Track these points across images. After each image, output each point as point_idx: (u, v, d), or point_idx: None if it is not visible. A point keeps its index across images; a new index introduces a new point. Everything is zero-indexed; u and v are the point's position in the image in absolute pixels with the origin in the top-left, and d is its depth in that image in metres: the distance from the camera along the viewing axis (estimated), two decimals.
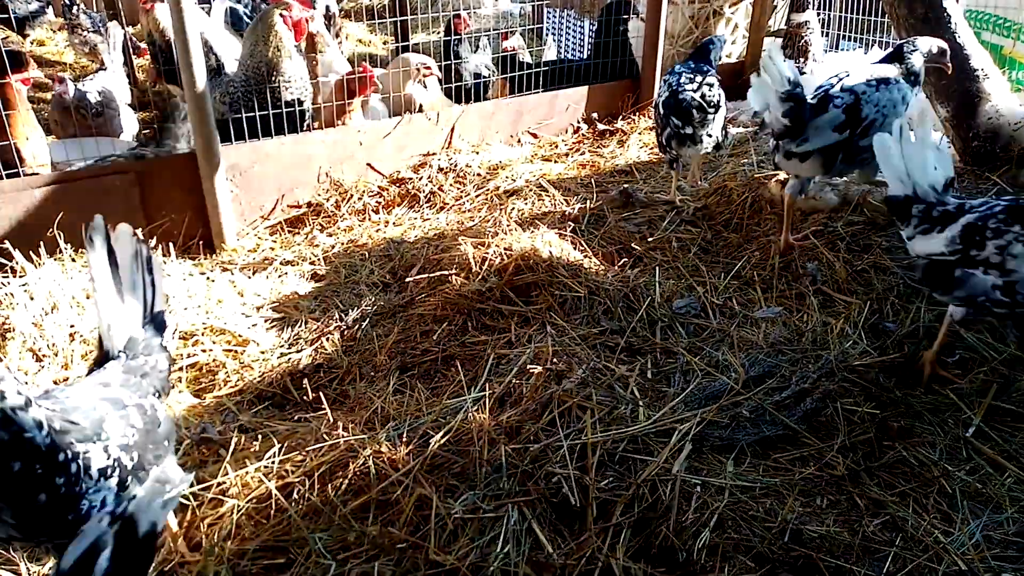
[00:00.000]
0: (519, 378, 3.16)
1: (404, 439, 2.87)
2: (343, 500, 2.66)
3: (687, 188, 4.90)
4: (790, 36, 7.05)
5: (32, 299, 3.50)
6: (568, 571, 2.39)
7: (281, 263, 4.48)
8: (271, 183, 5.11)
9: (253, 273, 4.37)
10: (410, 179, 5.44)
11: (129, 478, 2.23)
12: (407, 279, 4.12)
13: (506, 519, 2.53)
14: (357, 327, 3.85)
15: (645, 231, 4.39)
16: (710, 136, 4.49)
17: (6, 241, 4.01)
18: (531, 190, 5.09)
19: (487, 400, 3.00)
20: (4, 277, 3.69)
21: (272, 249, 4.85)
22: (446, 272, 3.95)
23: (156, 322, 2.67)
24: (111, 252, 2.47)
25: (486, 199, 5.16)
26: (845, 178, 4.14)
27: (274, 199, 5.15)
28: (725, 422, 2.89)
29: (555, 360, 3.17)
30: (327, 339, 3.75)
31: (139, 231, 4.00)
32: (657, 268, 3.94)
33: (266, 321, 3.87)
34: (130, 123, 6.44)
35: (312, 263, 4.48)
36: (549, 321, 3.57)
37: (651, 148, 5.86)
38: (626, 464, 2.71)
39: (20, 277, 3.67)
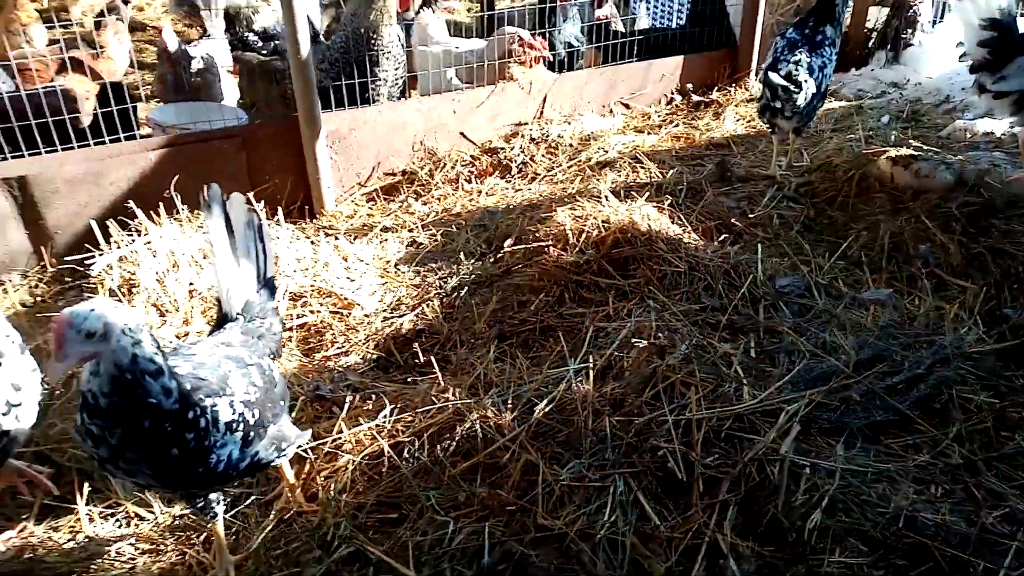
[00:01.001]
0: (620, 351, 3.17)
1: (509, 405, 2.93)
2: (452, 461, 2.75)
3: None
4: (897, 6, 6.73)
5: (155, 256, 3.69)
6: (675, 544, 2.42)
7: (381, 229, 4.59)
8: (369, 150, 5.21)
9: (354, 238, 4.49)
10: (502, 149, 5.47)
11: (251, 433, 2.35)
12: (503, 249, 4.17)
13: (612, 489, 2.56)
14: (455, 295, 3.92)
15: (745, 206, 4.32)
16: (797, 112, 4.37)
17: (130, 201, 4.22)
18: (625, 162, 5.05)
19: (591, 371, 3.03)
20: (129, 235, 3.90)
21: (369, 215, 4.97)
22: (542, 243, 3.97)
23: (268, 286, 2.79)
24: (227, 219, 2.58)
25: (578, 170, 5.15)
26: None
27: (371, 166, 5.26)
28: (834, 404, 2.84)
29: (659, 335, 3.17)
30: (427, 305, 3.85)
31: (250, 195, 4.14)
32: (759, 245, 3.87)
33: (369, 285, 3.98)
34: (230, 89, 6.65)
35: (411, 230, 4.57)
36: (648, 295, 3.57)
37: (748, 121, 5.73)
38: (732, 442, 2.71)
39: (143, 236, 3.86)
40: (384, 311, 3.83)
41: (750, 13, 6.19)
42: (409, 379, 3.33)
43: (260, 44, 7.93)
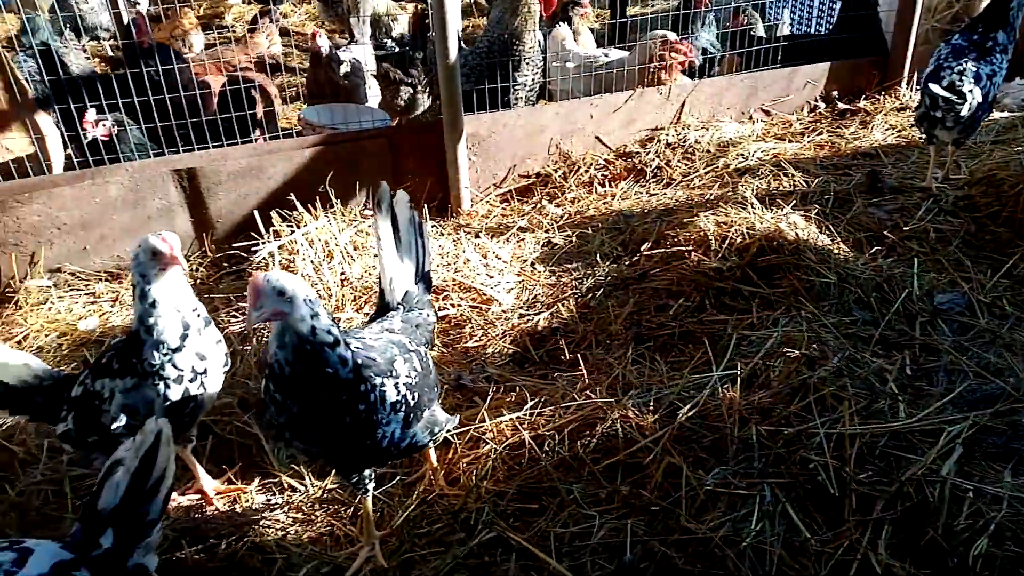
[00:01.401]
0: (766, 360, 3.11)
1: (650, 407, 2.93)
2: (592, 458, 2.78)
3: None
4: None
5: (311, 246, 3.92)
6: (824, 559, 2.35)
7: (518, 229, 4.68)
8: (505, 153, 5.32)
9: (491, 237, 4.59)
10: (637, 153, 5.46)
11: (411, 415, 2.46)
12: (639, 252, 4.16)
13: (758, 498, 2.52)
14: (591, 295, 3.95)
15: (897, 219, 4.12)
16: (960, 122, 4.13)
17: (286, 194, 4.50)
18: (767, 169, 4.92)
19: (737, 379, 2.98)
20: (289, 226, 4.16)
21: (503, 216, 5.07)
22: (682, 248, 3.94)
23: (425, 280, 2.91)
24: (394, 216, 2.72)
25: (716, 176, 5.06)
26: None
27: (507, 168, 5.37)
28: (1001, 428, 2.68)
29: (813, 346, 3.08)
30: (563, 304, 3.89)
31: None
32: (915, 259, 3.69)
33: (507, 282, 4.07)
34: (374, 93, 6.95)
35: (547, 231, 4.64)
36: (794, 306, 3.47)
37: (899, 130, 5.46)
38: (887, 460, 2.60)
39: (302, 227, 4.10)
40: (520, 308, 3.91)
41: (904, 19, 5.89)
42: (546, 375, 3.38)
43: (397, 50, 8.30)
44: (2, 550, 1.92)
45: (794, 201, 4.25)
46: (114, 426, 2.58)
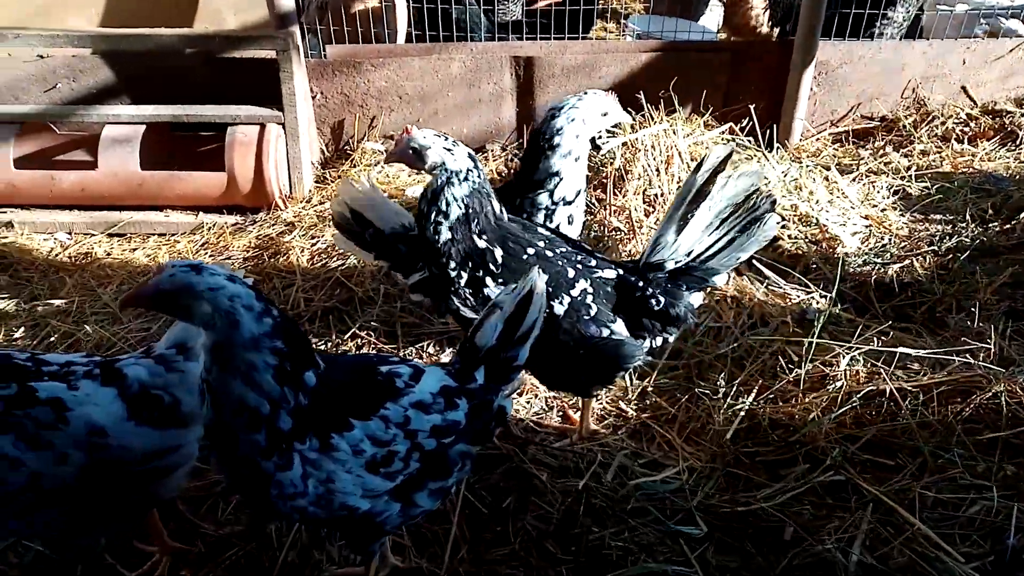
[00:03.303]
0: None
1: None
2: (965, 428, 2.47)
3: None
4: None
5: (653, 148, 3.82)
6: None
7: (867, 171, 4.26)
8: (852, 88, 4.83)
9: (842, 174, 4.20)
10: (1009, 112, 4.73)
11: None
12: (1016, 219, 3.62)
13: None
14: (951, 256, 3.50)
15: None
16: None
17: (641, 93, 4.35)
18: None
19: None
20: (634, 122, 4.07)
21: (834, 157, 4.63)
22: None
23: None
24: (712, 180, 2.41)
25: None
26: None
27: (849, 106, 4.88)
28: None
29: None
30: (916, 260, 3.49)
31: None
32: None
33: (853, 224, 3.72)
34: (712, 13, 6.64)
35: (903, 178, 4.17)
36: None
37: None
38: None
39: (642, 128, 3.99)
40: (865, 255, 3.56)
41: None
42: (895, 328, 3.06)
43: None
44: (399, 364, 2.04)
45: None
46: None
